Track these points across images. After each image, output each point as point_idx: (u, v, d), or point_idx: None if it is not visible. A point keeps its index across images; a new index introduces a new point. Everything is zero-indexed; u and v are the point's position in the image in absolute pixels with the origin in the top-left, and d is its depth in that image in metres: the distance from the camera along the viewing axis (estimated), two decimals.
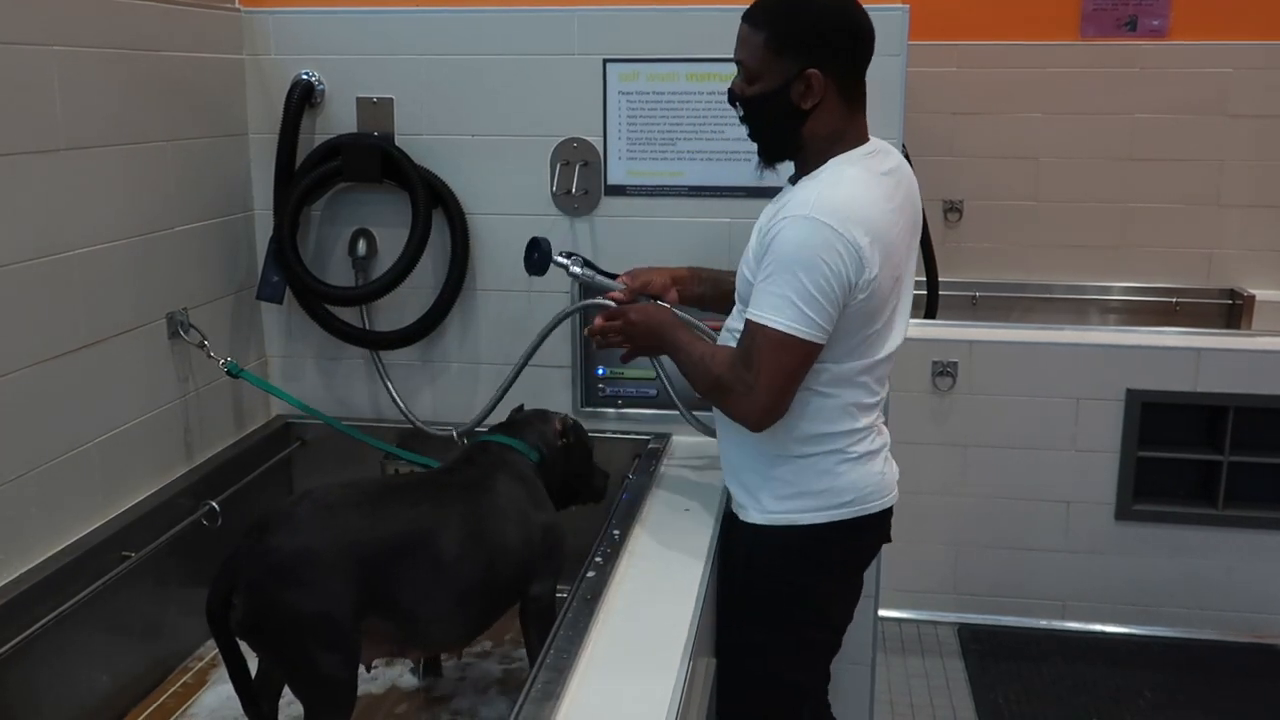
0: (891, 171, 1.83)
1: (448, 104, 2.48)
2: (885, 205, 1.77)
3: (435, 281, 2.54)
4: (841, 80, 1.77)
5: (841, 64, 1.77)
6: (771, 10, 1.78)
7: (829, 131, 1.79)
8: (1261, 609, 3.38)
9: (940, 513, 3.45)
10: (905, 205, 1.85)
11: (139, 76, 2.16)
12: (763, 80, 1.78)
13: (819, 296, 1.69)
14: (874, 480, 1.90)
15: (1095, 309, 4.51)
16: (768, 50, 1.76)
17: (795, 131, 1.80)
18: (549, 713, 1.41)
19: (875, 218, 1.73)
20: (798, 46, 1.75)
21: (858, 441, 1.88)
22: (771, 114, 1.81)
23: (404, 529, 1.83)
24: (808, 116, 1.78)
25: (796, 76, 1.75)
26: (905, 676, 3.27)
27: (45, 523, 1.95)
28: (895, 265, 1.79)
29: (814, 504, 1.87)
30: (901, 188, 1.84)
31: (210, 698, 2.15)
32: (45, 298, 1.93)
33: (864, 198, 1.74)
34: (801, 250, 1.69)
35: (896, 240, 1.79)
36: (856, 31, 1.78)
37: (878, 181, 1.78)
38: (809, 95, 1.76)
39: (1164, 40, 4.28)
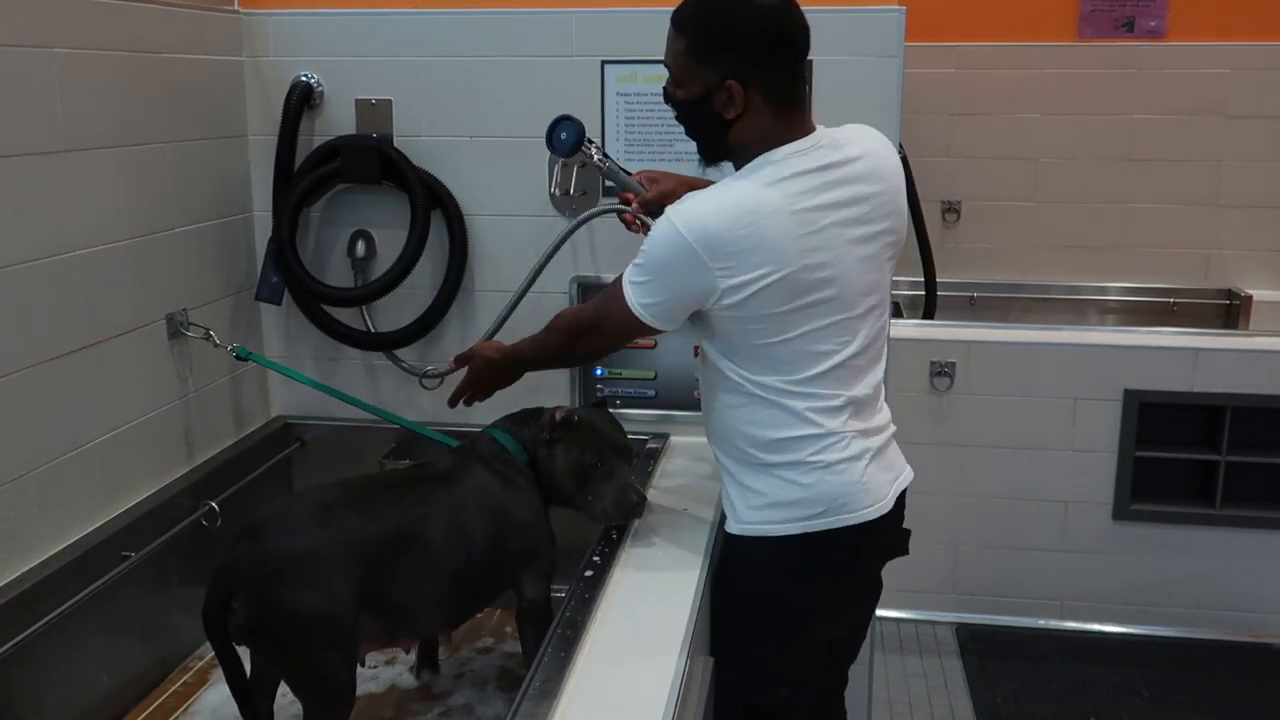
0: (824, 168, 1.72)
1: (446, 105, 2.49)
2: (782, 207, 1.67)
3: (434, 282, 2.55)
4: (767, 88, 1.71)
5: (765, 73, 1.70)
6: (692, 17, 1.73)
7: (757, 137, 1.73)
8: (1259, 608, 3.39)
9: (938, 513, 3.46)
10: (844, 202, 1.72)
11: (139, 78, 2.17)
12: (686, 87, 1.75)
13: (662, 293, 1.72)
14: (851, 490, 1.77)
15: (1093, 309, 4.52)
16: (689, 58, 1.73)
17: (722, 138, 1.76)
18: (547, 711, 1.42)
19: (748, 229, 1.65)
20: (717, 57, 1.70)
21: (826, 448, 1.77)
22: (697, 120, 1.78)
23: (394, 524, 1.84)
24: (732, 125, 1.73)
25: (717, 87, 1.70)
26: (903, 676, 3.27)
27: (46, 522, 1.95)
28: (804, 267, 1.68)
29: (785, 515, 1.78)
30: (842, 186, 1.72)
31: (211, 697, 2.16)
32: (45, 299, 1.94)
33: (738, 208, 1.67)
34: (656, 248, 1.71)
35: (807, 244, 1.68)
36: (780, 38, 1.71)
37: (780, 184, 1.69)
38: (731, 105, 1.71)
39: (1162, 41, 4.29)
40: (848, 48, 2.32)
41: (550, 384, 2.51)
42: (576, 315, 1.99)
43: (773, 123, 1.73)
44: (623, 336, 1.94)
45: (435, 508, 1.89)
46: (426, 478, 1.98)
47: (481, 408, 2.43)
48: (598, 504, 1.96)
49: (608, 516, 1.97)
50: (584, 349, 1.99)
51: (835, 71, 2.33)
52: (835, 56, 2.33)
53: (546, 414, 2.01)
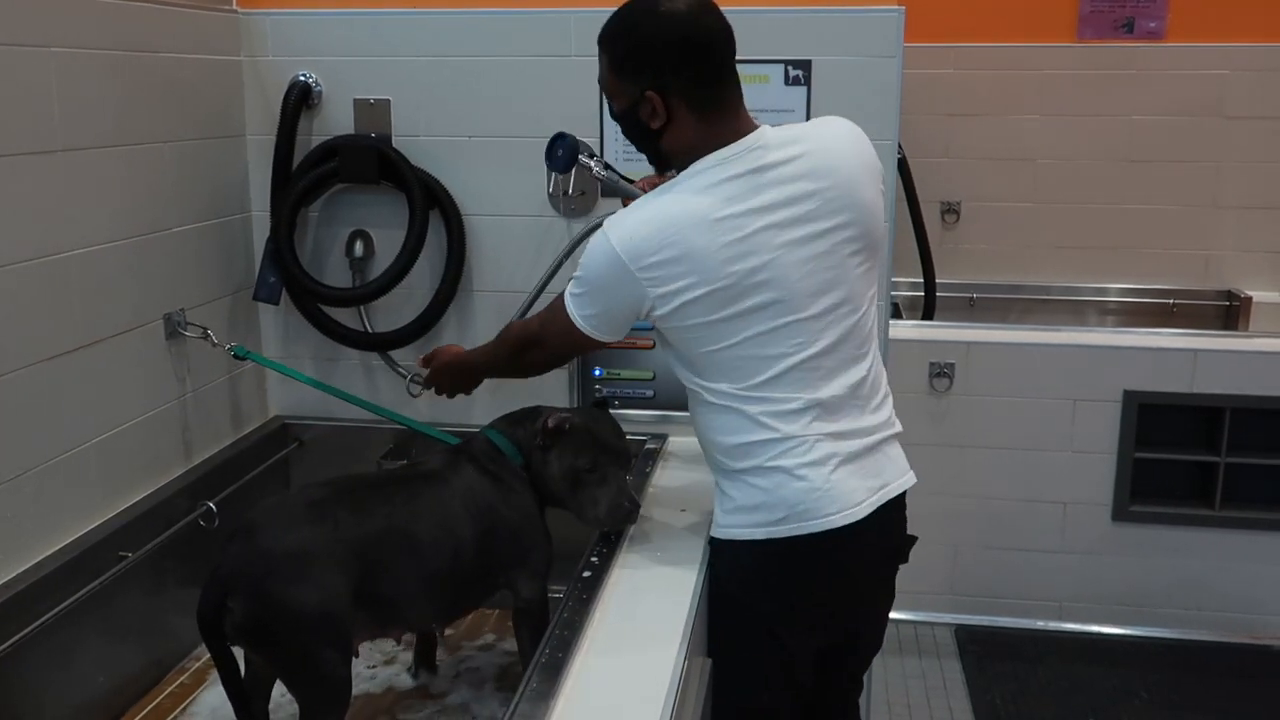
0: (756, 170, 1.70)
1: (445, 105, 2.49)
2: (706, 215, 1.67)
3: (432, 282, 2.55)
4: (689, 96, 1.72)
5: (685, 81, 1.71)
6: (608, 33, 1.77)
7: (685, 145, 1.75)
8: (1258, 610, 3.39)
9: (937, 514, 3.45)
10: (781, 203, 1.70)
11: (136, 78, 2.17)
12: (615, 100, 1.79)
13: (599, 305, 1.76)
14: (812, 497, 1.73)
15: (1092, 310, 4.52)
16: (611, 73, 1.77)
17: (656, 147, 1.80)
18: (544, 712, 1.42)
19: (672, 236, 1.67)
20: (633, 69, 1.73)
21: (785, 453, 1.73)
22: (632, 132, 1.82)
23: (384, 521, 1.85)
24: (661, 135, 1.76)
25: (639, 99, 1.73)
26: (902, 677, 3.27)
27: (42, 522, 1.95)
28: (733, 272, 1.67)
29: (750, 520, 1.78)
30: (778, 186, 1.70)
31: (209, 698, 2.15)
32: (42, 299, 1.93)
33: (661, 217, 1.70)
34: (590, 270, 1.76)
35: (728, 248, 1.67)
36: (692, 46, 1.70)
37: (705, 192, 1.69)
38: (654, 116, 1.74)
39: (1161, 42, 4.29)
40: (847, 48, 2.32)
41: (550, 384, 2.51)
42: (523, 328, 2.02)
43: (698, 129, 1.74)
44: (567, 349, 1.96)
45: (424, 505, 1.90)
46: (416, 476, 1.98)
47: (483, 406, 2.43)
48: (590, 509, 1.94)
49: (600, 522, 1.94)
50: (528, 361, 1.99)
51: (834, 71, 2.33)
52: (834, 57, 2.33)
53: (540, 418, 1.99)
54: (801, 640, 1.89)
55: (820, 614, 1.87)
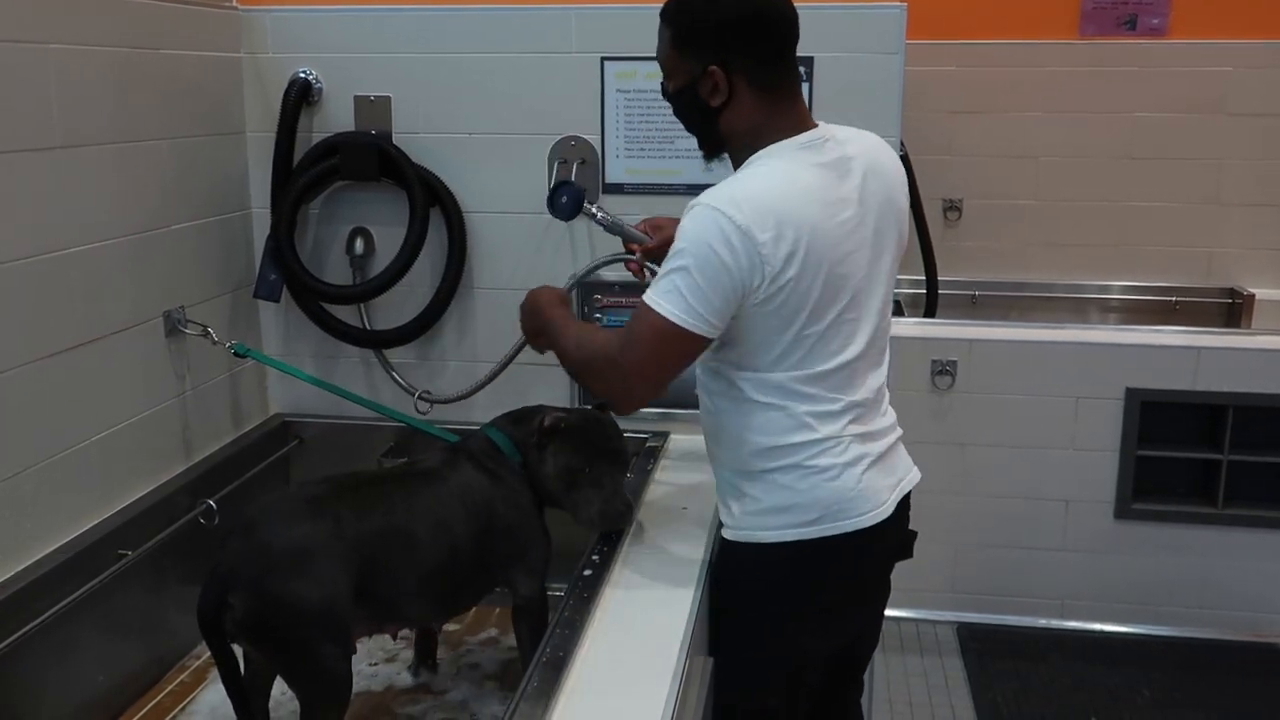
0: (838, 162, 1.70)
1: (445, 102, 2.48)
2: (814, 198, 1.65)
3: (433, 280, 2.54)
4: (752, 74, 1.69)
5: (749, 59, 1.68)
6: (675, 7, 1.73)
7: (747, 127, 1.71)
8: (1261, 608, 3.38)
9: (939, 512, 3.45)
10: (859, 198, 1.71)
11: (136, 74, 2.16)
12: (675, 78, 1.74)
13: (706, 288, 1.61)
14: (845, 496, 1.73)
15: (1095, 308, 4.51)
16: (673, 48, 1.72)
17: (713, 128, 1.74)
18: (544, 710, 1.41)
19: (791, 211, 1.62)
20: (698, 43, 1.69)
21: (821, 453, 1.73)
22: (687, 111, 1.76)
23: (381, 517, 1.85)
24: (720, 113, 1.71)
25: (701, 75, 1.69)
26: (904, 675, 3.27)
27: (42, 521, 1.95)
28: (832, 262, 1.66)
29: (779, 521, 1.74)
30: (854, 178, 1.71)
31: (209, 696, 2.15)
32: (42, 296, 1.93)
33: (779, 190, 1.64)
34: (695, 239, 1.62)
35: (833, 235, 1.66)
36: (761, 23, 1.68)
37: (809, 173, 1.67)
38: (716, 93, 1.69)
39: (1163, 39, 4.28)
40: (849, 45, 2.32)
41: (552, 381, 2.50)
42: (601, 345, 1.76)
43: (761, 110, 1.70)
44: (658, 365, 1.70)
45: (422, 503, 1.90)
46: (414, 474, 1.98)
47: (483, 405, 2.42)
48: (584, 510, 1.94)
49: (592, 523, 1.94)
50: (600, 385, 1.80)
51: (836, 68, 2.33)
52: (836, 53, 2.32)
53: (537, 418, 1.99)
54: (818, 641, 1.88)
55: (837, 614, 1.88)
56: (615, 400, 1.81)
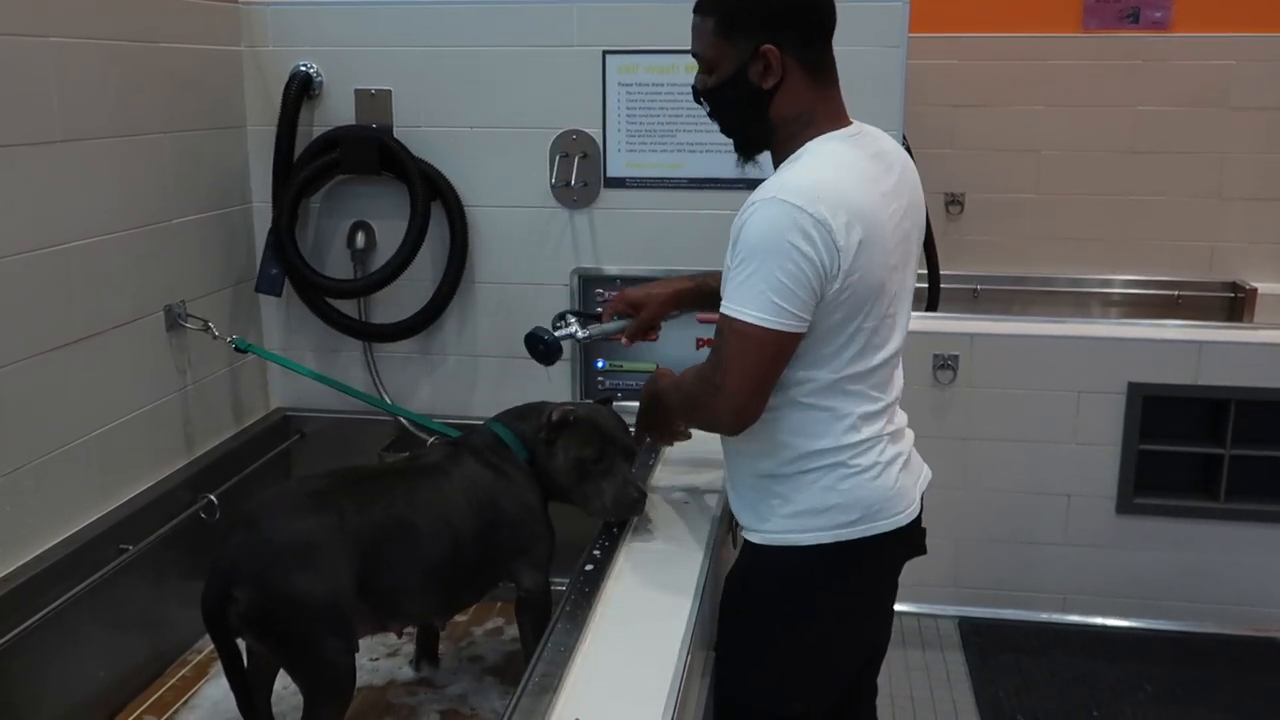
0: (882, 155, 1.70)
1: (446, 96, 2.47)
2: (872, 188, 1.63)
3: (434, 274, 2.54)
4: (801, 54, 1.66)
5: (798, 35, 1.65)
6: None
7: (798, 111, 1.67)
8: (1263, 602, 3.37)
9: (940, 506, 3.41)
10: (901, 191, 1.70)
11: (137, 68, 2.16)
12: (720, 68, 1.68)
13: (789, 283, 1.56)
14: (884, 496, 1.72)
15: (1097, 302, 4.50)
16: (718, 36, 1.67)
17: (763, 116, 1.68)
18: (546, 705, 1.41)
19: (857, 200, 1.59)
20: (747, 24, 1.64)
21: (862, 454, 1.71)
22: (735, 102, 1.70)
23: (385, 511, 1.85)
24: (772, 97, 1.66)
25: (752, 56, 1.64)
26: (905, 669, 3.26)
27: (43, 515, 1.95)
28: (887, 254, 1.64)
29: (817, 523, 1.71)
30: (895, 172, 1.70)
31: (210, 690, 2.15)
32: (43, 290, 1.93)
33: (844, 178, 1.61)
34: (769, 235, 1.56)
35: (888, 226, 1.64)
36: (806, 2, 1.67)
37: (865, 162, 1.66)
38: (769, 74, 1.64)
39: (1166, 32, 4.27)
40: (851, 39, 2.28)
41: (554, 377, 2.50)
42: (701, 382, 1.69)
43: (812, 93, 1.67)
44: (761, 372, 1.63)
45: (425, 497, 1.90)
46: (416, 468, 1.98)
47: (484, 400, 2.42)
48: (596, 500, 1.94)
49: (606, 513, 1.94)
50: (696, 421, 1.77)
51: (839, 62, 2.30)
52: (839, 47, 2.28)
53: (544, 413, 1.99)
54: (851, 641, 1.87)
55: (868, 613, 1.87)
56: (723, 424, 1.71)
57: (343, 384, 2.47)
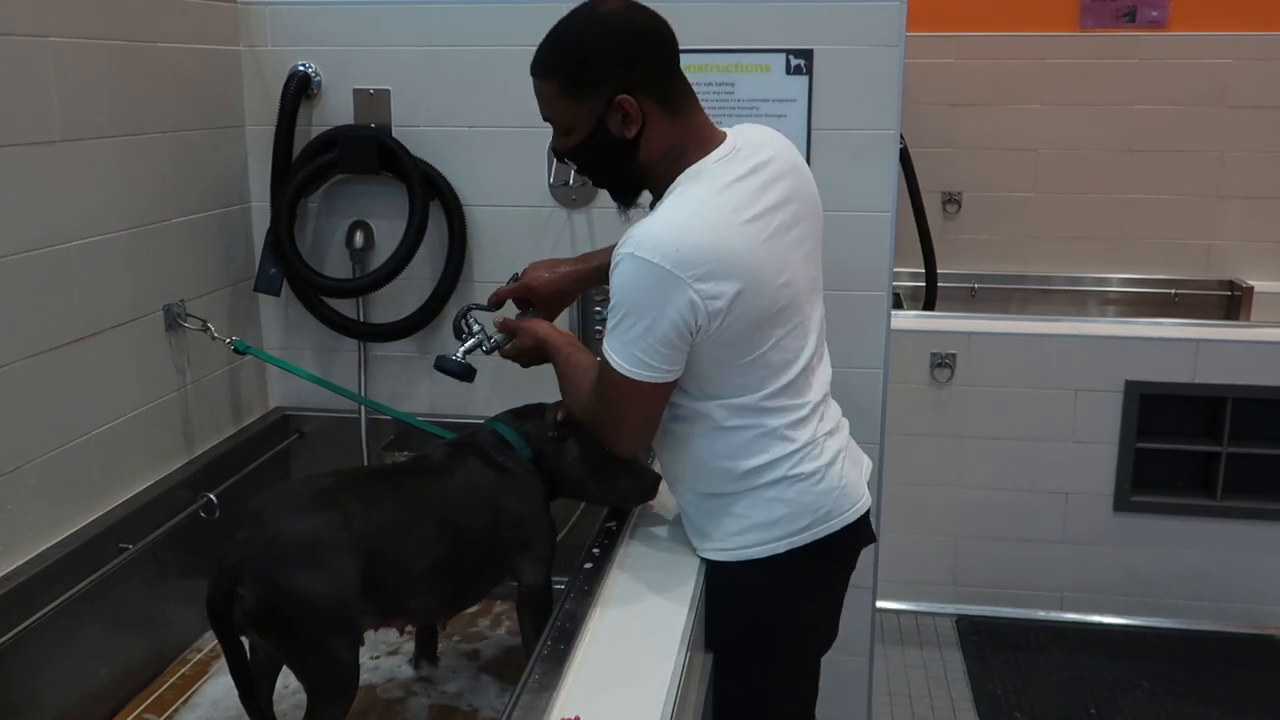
0: (754, 170, 1.66)
1: (445, 95, 2.48)
2: (735, 218, 1.60)
3: (433, 273, 2.54)
4: (656, 93, 1.63)
5: (648, 76, 1.63)
6: (549, 56, 1.66)
7: (665, 150, 1.65)
8: (1259, 600, 3.39)
9: (938, 504, 3.45)
10: (785, 197, 1.67)
11: (135, 68, 2.16)
12: (576, 128, 1.66)
13: (653, 341, 1.58)
14: (832, 497, 1.74)
15: (1094, 300, 4.52)
16: (566, 96, 1.65)
17: (633, 164, 1.67)
18: (545, 704, 1.41)
19: (724, 242, 1.58)
20: (593, 80, 1.62)
21: (801, 461, 1.72)
22: (601, 157, 1.68)
23: (392, 511, 1.85)
24: (638, 145, 1.64)
25: (607, 109, 1.62)
26: (903, 668, 3.27)
27: (43, 514, 1.95)
28: (773, 279, 1.63)
29: (769, 535, 1.73)
30: (777, 183, 1.67)
31: (210, 689, 2.15)
32: (41, 290, 1.93)
33: (706, 221, 1.59)
34: (631, 294, 1.58)
35: (768, 251, 1.63)
36: (643, 39, 1.63)
37: (730, 193, 1.62)
38: (629, 123, 1.62)
39: (1163, 31, 4.28)
40: (848, 37, 2.31)
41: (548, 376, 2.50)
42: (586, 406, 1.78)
43: (675, 128, 1.66)
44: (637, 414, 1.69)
45: (428, 495, 1.90)
46: (420, 467, 1.98)
47: (482, 399, 2.43)
48: (616, 487, 1.97)
49: (627, 499, 1.99)
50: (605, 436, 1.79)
51: (836, 61, 2.32)
52: (836, 46, 2.32)
53: (549, 412, 2.01)
54: (820, 638, 1.91)
55: (831, 610, 1.91)
56: (615, 448, 1.80)
57: (341, 387, 2.48)
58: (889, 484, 2.55)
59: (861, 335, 2.40)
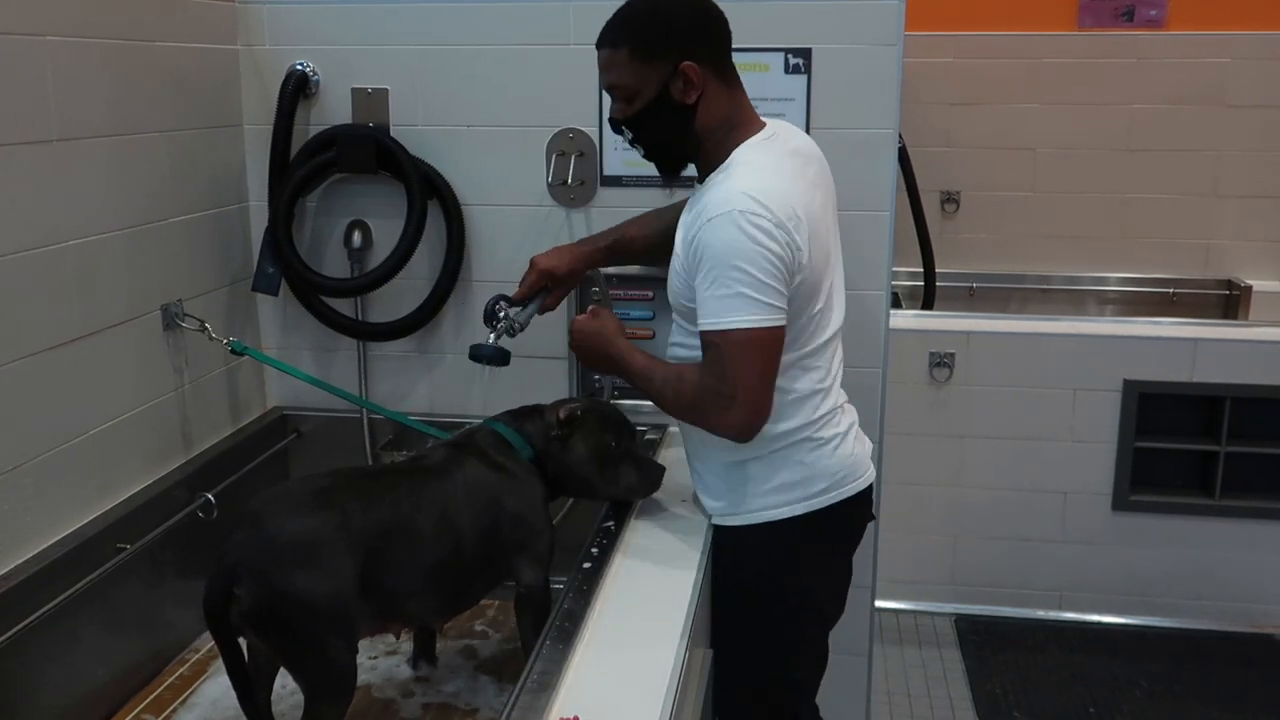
0: (798, 150, 1.85)
1: (443, 94, 2.47)
2: (800, 184, 1.78)
3: (431, 273, 2.54)
4: (714, 64, 1.79)
5: (709, 47, 1.78)
6: (623, 25, 1.79)
7: (720, 120, 1.80)
8: (1258, 599, 3.39)
9: (937, 504, 3.46)
10: (819, 181, 1.86)
11: (133, 67, 2.15)
12: (642, 93, 1.78)
13: (768, 280, 1.67)
14: (847, 463, 1.89)
15: (1092, 299, 4.52)
16: (635, 62, 1.77)
17: (688, 131, 1.80)
18: (545, 703, 1.41)
19: (796, 198, 1.73)
20: (663, 46, 1.76)
21: (822, 427, 1.86)
22: (661, 122, 1.80)
23: (389, 510, 1.85)
24: (695, 111, 1.78)
25: (672, 75, 1.75)
26: (902, 667, 3.27)
27: (40, 515, 1.94)
28: (823, 240, 1.79)
29: (789, 497, 1.86)
30: (812, 164, 1.86)
31: (209, 689, 2.15)
32: (39, 290, 1.92)
33: (782, 181, 1.74)
34: (736, 244, 1.67)
35: (818, 216, 1.79)
36: (708, 16, 1.81)
37: (788, 161, 1.80)
38: (691, 88, 1.76)
39: (1161, 30, 4.28)
40: (847, 36, 2.31)
41: (549, 375, 2.51)
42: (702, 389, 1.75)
43: (730, 99, 1.81)
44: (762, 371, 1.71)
45: (427, 495, 1.90)
46: (420, 469, 1.98)
47: (479, 399, 2.42)
48: (623, 482, 2.01)
49: (635, 492, 2.03)
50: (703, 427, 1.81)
51: (835, 60, 2.32)
52: (834, 45, 2.32)
53: (550, 411, 2.03)
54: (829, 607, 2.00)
55: (841, 577, 2.02)
56: (738, 432, 1.77)
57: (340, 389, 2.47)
58: (888, 484, 2.54)
59: (860, 335, 2.40)
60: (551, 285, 2.12)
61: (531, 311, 2.13)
